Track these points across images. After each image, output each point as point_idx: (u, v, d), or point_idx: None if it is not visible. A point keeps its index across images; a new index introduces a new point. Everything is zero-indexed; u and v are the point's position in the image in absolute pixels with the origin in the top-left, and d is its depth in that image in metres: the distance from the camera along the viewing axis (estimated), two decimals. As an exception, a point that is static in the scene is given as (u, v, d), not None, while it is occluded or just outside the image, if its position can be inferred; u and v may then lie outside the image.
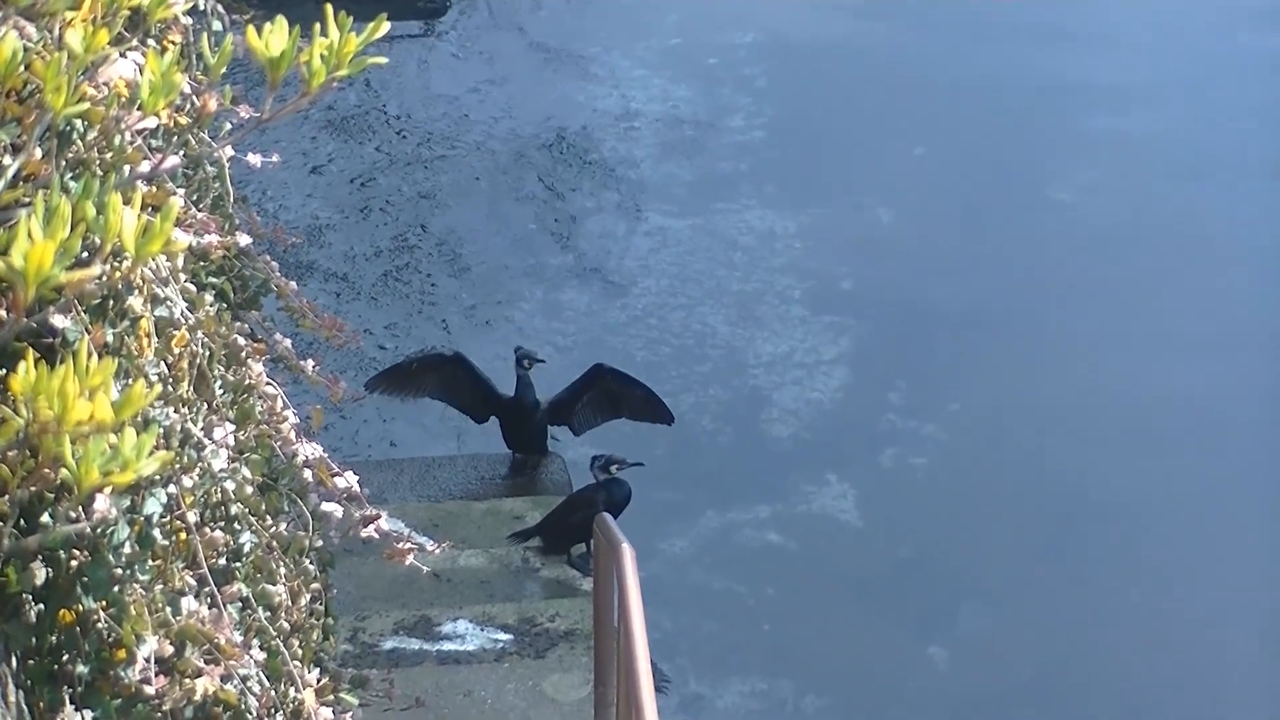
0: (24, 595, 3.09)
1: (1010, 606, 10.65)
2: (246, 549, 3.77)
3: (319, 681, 3.87)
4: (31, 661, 3.15)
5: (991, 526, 11.19)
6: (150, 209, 3.20)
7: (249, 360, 4.01)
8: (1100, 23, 17.05)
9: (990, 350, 12.66)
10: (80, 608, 3.16)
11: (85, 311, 3.25)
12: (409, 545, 4.06)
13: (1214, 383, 12.30)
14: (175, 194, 3.68)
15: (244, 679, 3.49)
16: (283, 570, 3.96)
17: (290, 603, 3.94)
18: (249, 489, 3.79)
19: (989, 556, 10.98)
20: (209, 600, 3.49)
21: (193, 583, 3.47)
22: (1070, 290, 13.25)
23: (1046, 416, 12.00)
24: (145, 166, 3.34)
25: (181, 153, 3.78)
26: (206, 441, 3.62)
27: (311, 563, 4.14)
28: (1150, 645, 10.37)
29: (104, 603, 3.19)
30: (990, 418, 12.03)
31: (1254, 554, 11.02)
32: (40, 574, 3.05)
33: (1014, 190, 14.52)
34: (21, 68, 2.96)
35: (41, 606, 3.12)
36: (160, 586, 3.34)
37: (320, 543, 4.13)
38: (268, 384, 4.06)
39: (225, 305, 4.24)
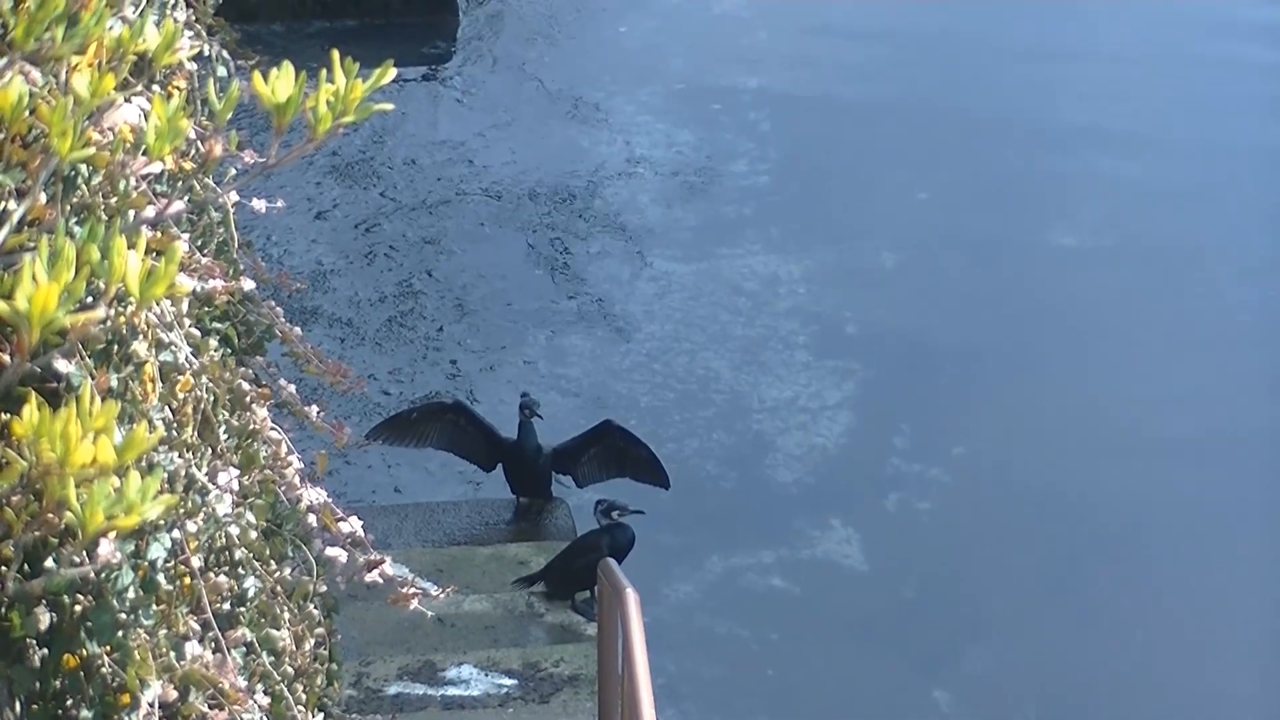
0: (28, 640, 3.09)
1: (1014, 648, 10.63)
2: (251, 594, 3.77)
3: (323, 726, 3.86)
4: (35, 706, 3.14)
5: (995, 569, 11.18)
6: (155, 254, 3.20)
7: (253, 405, 4.01)
8: (1103, 66, 17.08)
9: (994, 394, 12.66)
10: (84, 652, 3.16)
11: (90, 356, 3.26)
12: (413, 590, 4.06)
13: (1220, 423, 12.30)
14: (180, 239, 3.68)
15: (248, 724, 3.49)
16: (287, 615, 3.95)
17: (294, 648, 3.94)
18: (253, 534, 3.79)
19: (993, 599, 10.97)
20: (213, 645, 3.48)
21: (197, 627, 3.47)
22: (1074, 334, 13.26)
23: (1051, 459, 11.99)
24: (150, 211, 3.35)
25: (186, 198, 3.79)
26: (211, 486, 3.62)
27: (316, 608, 4.13)
28: (1155, 685, 10.35)
29: (108, 647, 3.19)
30: (995, 461, 12.02)
31: (1261, 593, 11.00)
32: (44, 618, 3.05)
33: (1017, 234, 14.53)
34: (27, 112, 2.97)
35: (45, 651, 3.12)
36: (164, 631, 3.34)
37: (324, 588, 4.13)
38: (272, 429, 4.06)
39: (230, 350, 4.25)
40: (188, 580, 3.48)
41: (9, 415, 2.78)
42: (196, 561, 3.51)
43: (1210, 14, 18.15)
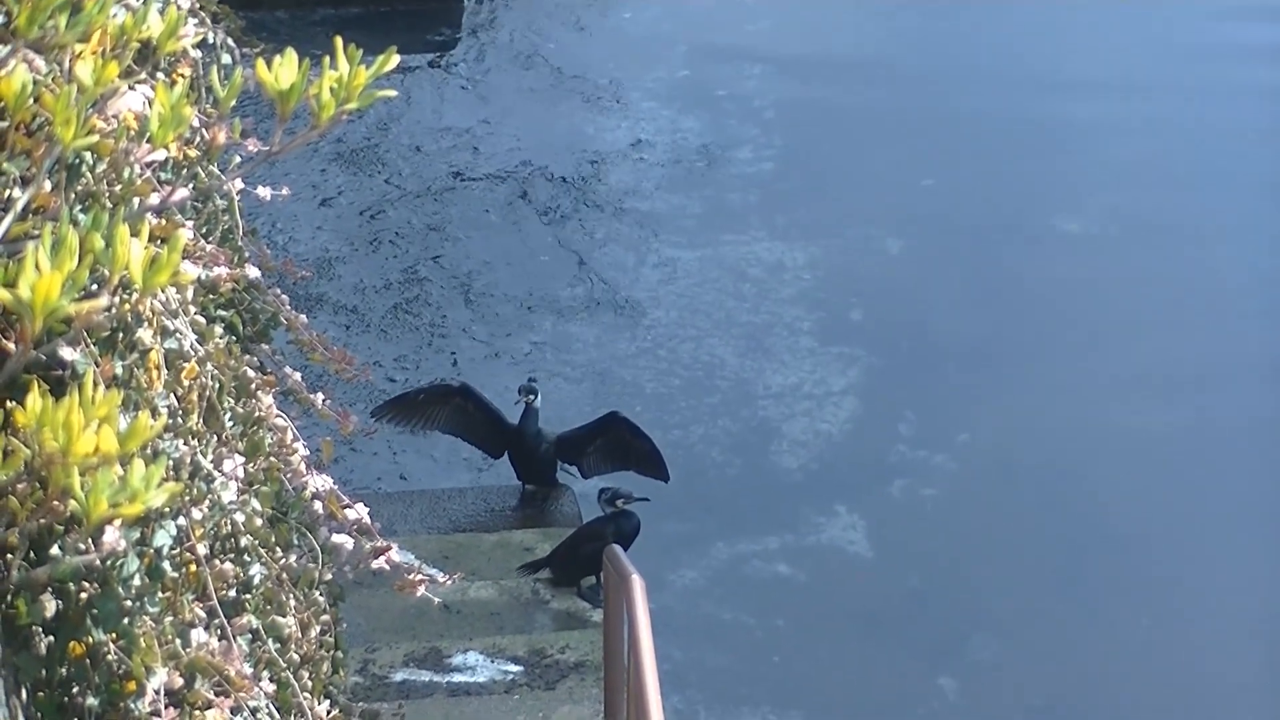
0: (34, 627, 3.09)
1: (1020, 636, 10.64)
2: (256, 581, 3.77)
3: (329, 714, 3.87)
4: (42, 694, 3.15)
5: (1001, 556, 11.18)
6: (159, 241, 3.20)
7: (259, 393, 4.01)
8: (1108, 55, 17.06)
9: (999, 380, 12.65)
10: (90, 640, 3.16)
11: (95, 344, 3.26)
12: (419, 577, 4.06)
13: (1223, 412, 12.29)
14: (184, 226, 3.68)
15: (254, 711, 3.49)
16: (293, 602, 3.96)
17: (300, 635, 3.94)
18: (259, 521, 3.79)
19: (999, 586, 10.97)
20: (219, 632, 3.48)
21: (203, 615, 3.47)
22: (1079, 320, 13.25)
23: (1055, 446, 11.99)
24: (154, 199, 3.35)
25: (191, 185, 3.79)
26: (216, 474, 3.62)
27: (321, 595, 4.14)
28: (1160, 674, 10.35)
29: (114, 635, 3.19)
30: (999, 448, 12.02)
31: (1264, 582, 11.00)
32: (50, 606, 3.06)
33: (1022, 221, 14.52)
34: (31, 100, 2.97)
35: (52, 639, 3.13)
36: (170, 618, 3.34)
37: (330, 575, 4.13)
38: (277, 416, 4.06)
39: (235, 338, 4.25)
40: (193, 567, 3.49)
41: (13, 403, 2.78)
42: (202, 549, 3.51)
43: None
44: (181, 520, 3.44)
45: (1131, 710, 10.22)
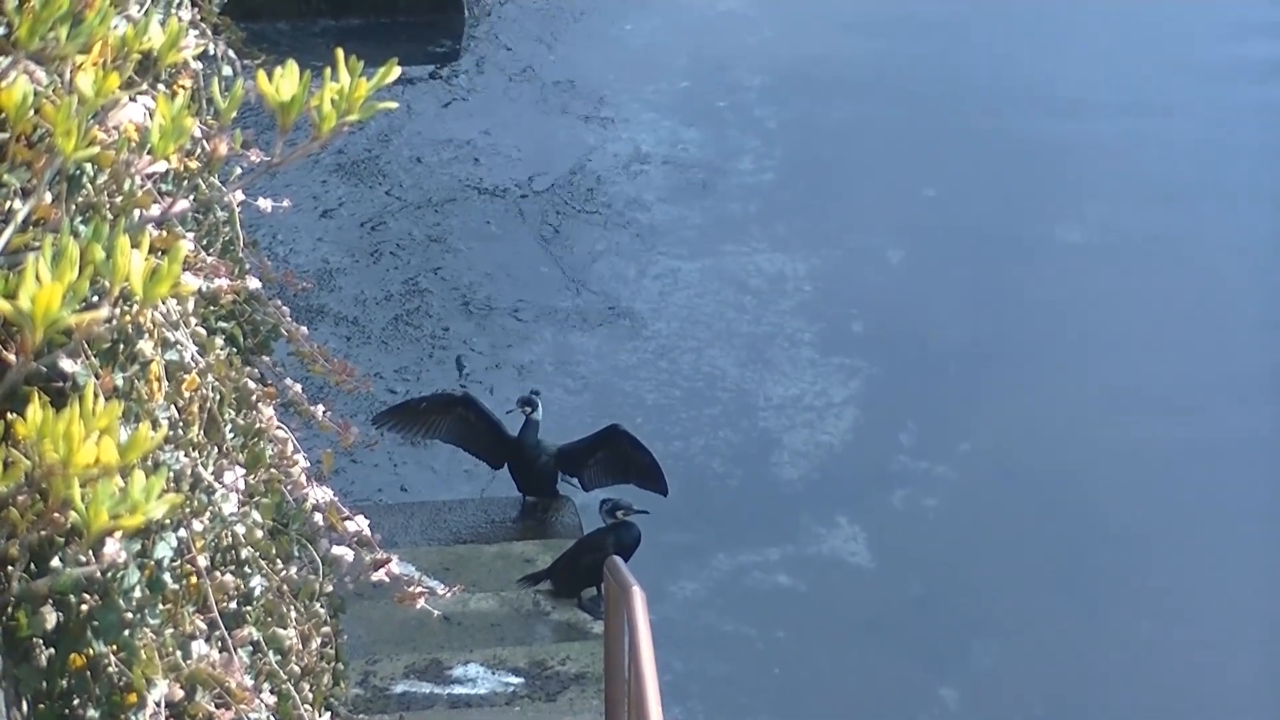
0: (35, 639, 3.09)
1: (1021, 645, 10.64)
2: (257, 593, 3.77)
3: (329, 725, 3.86)
4: (42, 706, 3.14)
5: (1002, 566, 11.18)
6: (160, 253, 3.20)
7: (259, 404, 4.01)
8: (1110, 67, 17.06)
9: (1001, 391, 12.65)
10: (91, 652, 3.16)
11: (95, 355, 3.25)
12: (420, 589, 4.06)
13: (1222, 418, 12.29)
14: (185, 238, 3.68)
15: (254, 723, 3.49)
16: (293, 614, 3.95)
17: (301, 647, 3.94)
18: (259, 533, 3.79)
19: (999, 595, 10.97)
20: (220, 644, 3.48)
21: (203, 626, 3.47)
22: (1081, 331, 13.25)
23: (1056, 456, 11.98)
24: (155, 210, 3.35)
25: (192, 197, 3.79)
26: (217, 485, 3.62)
27: (322, 607, 4.13)
28: (1162, 680, 10.35)
29: (114, 647, 3.19)
30: (1001, 458, 12.02)
31: (1266, 587, 11.00)
32: (51, 618, 3.05)
33: (1023, 232, 14.51)
34: (32, 112, 2.96)
35: (52, 650, 3.12)
36: (171, 630, 3.34)
37: (331, 587, 4.13)
38: (278, 428, 4.06)
39: (236, 349, 4.25)
40: (194, 579, 3.48)
41: (13, 415, 2.78)
42: (203, 560, 3.51)
43: (1218, 13, 18.12)
44: (182, 532, 3.44)
45: (1133, 713, 10.22)
